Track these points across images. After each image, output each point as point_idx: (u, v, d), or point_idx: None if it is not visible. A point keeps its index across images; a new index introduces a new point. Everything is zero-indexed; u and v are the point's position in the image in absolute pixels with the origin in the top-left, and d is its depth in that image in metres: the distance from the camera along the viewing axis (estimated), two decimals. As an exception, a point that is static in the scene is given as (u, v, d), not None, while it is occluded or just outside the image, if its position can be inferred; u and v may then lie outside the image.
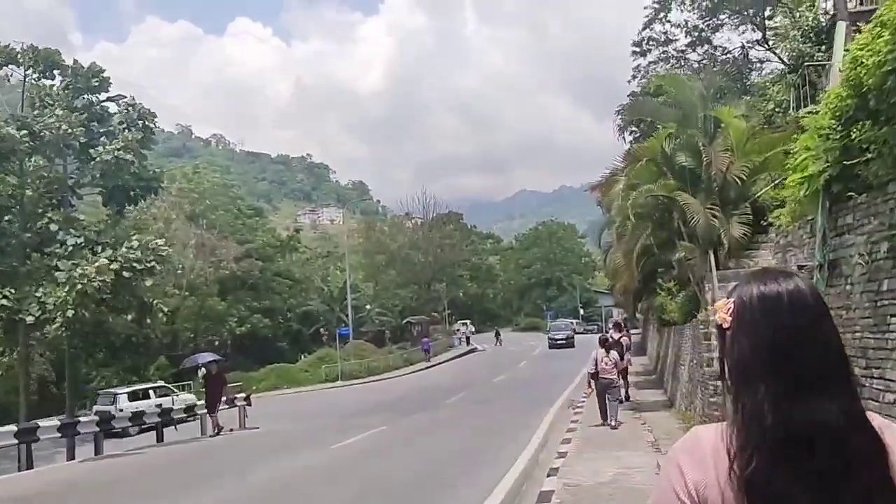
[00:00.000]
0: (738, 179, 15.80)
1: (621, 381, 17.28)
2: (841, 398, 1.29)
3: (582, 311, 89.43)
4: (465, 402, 24.41)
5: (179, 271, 44.44)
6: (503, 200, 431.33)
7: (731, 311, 1.38)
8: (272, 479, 12.81)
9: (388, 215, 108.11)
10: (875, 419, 1.34)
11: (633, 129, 30.42)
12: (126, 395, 27.78)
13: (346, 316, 53.89)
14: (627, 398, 19.29)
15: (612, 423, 14.68)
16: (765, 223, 16.79)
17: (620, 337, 20.56)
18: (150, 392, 28.89)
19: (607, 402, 14.95)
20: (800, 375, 1.28)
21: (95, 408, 27.43)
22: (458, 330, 70.36)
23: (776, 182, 17.65)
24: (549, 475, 10.10)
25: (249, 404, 24.01)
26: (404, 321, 65.02)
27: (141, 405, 25.58)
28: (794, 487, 1.24)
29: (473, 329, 78.16)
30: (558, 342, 53.08)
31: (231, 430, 22.66)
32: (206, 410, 22.05)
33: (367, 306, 67.83)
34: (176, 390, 31.05)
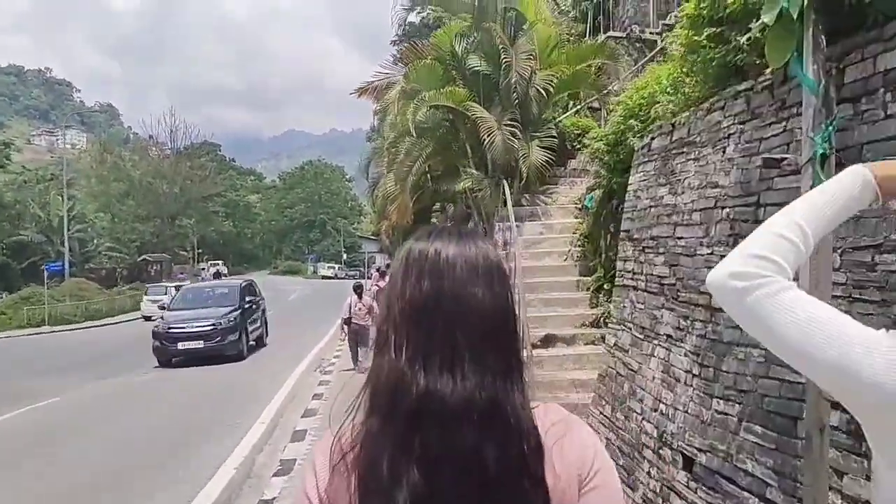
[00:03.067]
0: (543, 92, 12.49)
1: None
2: (472, 379, 1.10)
3: (345, 256, 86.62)
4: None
5: None
6: (271, 139, 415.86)
7: None
8: None
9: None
10: (551, 414, 1.17)
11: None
12: None
13: (69, 250, 45.42)
14: None
15: (360, 368, 13.76)
16: (573, 147, 13.86)
17: (384, 285, 17.73)
18: None
19: (359, 347, 14.28)
20: (425, 348, 1.12)
21: None
22: (203, 269, 63.30)
23: (583, 105, 14.80)
24: (275, 473, 6.14)
25: None
26: (140, 258, 56.85)
27: None
28: (401, 476, 1.08)
29: (226, 270, 71.58)
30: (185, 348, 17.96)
31: None
32: None
33: (96, 240, 58.56)
34: None
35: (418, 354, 1.12)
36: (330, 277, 73.54)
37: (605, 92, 12.79)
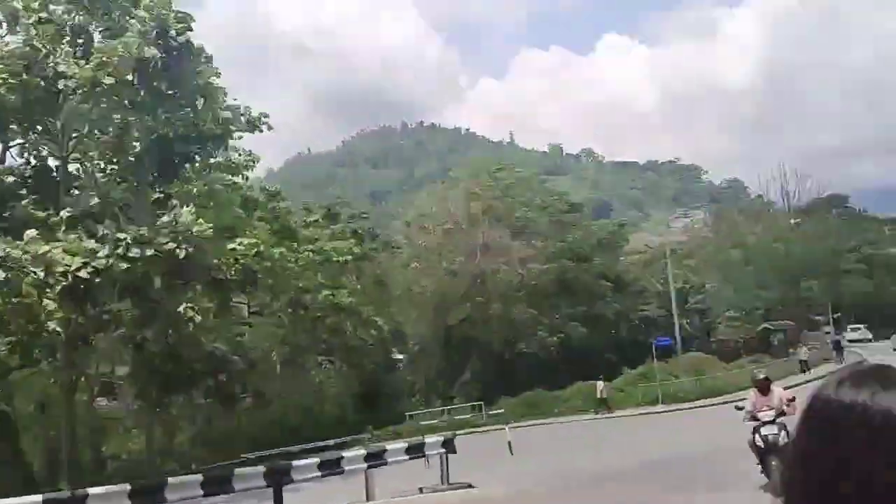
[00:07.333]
0: None
1: None
2: None
3: None
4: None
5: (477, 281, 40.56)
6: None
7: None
8: None
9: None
10: None
11: None
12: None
13: (686, 322, 44.79)
14: None
15: None
16: None
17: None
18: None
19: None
20: None
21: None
22: (830, 334, 54.88)
23: None
24: None
25: (452, 451, 17.49)
26: (761, 328, 52.67)
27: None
28: None
29: (870, 336, 62.11)
30: None
31: (420, 489, 16.81)
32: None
33: (716, 310, 56.97)
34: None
35: None
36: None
37: None
